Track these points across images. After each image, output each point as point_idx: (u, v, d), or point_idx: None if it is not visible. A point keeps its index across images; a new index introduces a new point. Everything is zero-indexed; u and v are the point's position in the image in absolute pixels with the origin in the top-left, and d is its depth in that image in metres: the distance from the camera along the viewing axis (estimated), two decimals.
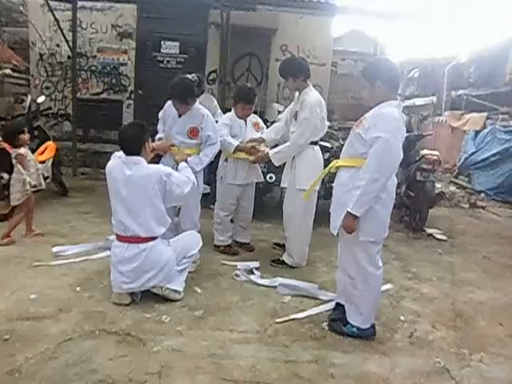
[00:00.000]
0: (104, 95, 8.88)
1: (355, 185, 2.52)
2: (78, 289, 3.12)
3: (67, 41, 7.12)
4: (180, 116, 3.59)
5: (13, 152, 3.98)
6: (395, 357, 2.55)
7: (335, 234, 2.68)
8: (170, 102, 3.64)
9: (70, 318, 2.71)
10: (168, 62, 8.62)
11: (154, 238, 2.96)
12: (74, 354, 2.34)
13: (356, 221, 2.52)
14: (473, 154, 9.13)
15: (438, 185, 8.09)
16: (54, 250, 3.75)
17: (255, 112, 4.34)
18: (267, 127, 5.27)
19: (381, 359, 2.52)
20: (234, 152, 3.86)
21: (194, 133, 3.60)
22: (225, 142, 3.83)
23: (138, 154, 2.99)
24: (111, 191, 3.06)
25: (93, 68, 8.80)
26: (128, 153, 3.00)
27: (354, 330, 2.71)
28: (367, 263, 2.65)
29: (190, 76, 3.69)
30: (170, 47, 8.56)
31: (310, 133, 3.58)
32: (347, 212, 2.51)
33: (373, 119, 2.54)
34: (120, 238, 2.97)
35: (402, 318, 3.05)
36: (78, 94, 8.16)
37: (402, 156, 2.54)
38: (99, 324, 2.65)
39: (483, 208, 7.17)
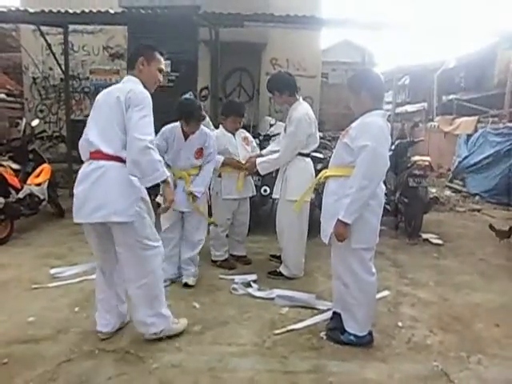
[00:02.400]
0: None
1: (344, 193, 2.57)
2: (76, 309, 3.13)
3: (59, 64, 7.22)
4: (186, 138, 3.56)
5: None
6: (393, 363, 2.57)
7: (326, 242, 2.71)
8: (170, 126, 3.59)
9: (69, 338, 2.72)
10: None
11: (117, 159, 2.46)
12: (74, 374, 2.35)
13: (347, 228, 2.55)
14: (466, 157, 9.22)
15: (432, 190, 8.18)
16: (52, 271, 3.77)
17: (247, 126, 4.41)
18: (260, 141, 5.35)
19: (379, 366, 2.53)
20: (220, 166, 3.90)
21: (200, 153, 3.59)
22: None
23: (131, 69, 2.65)
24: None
25: (86, 89, 8.91)
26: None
27: (352, 338, 2.72)
28: (361, 270, 2.67)
29: (187, 95, 3.72)
30: None
31: (294, 146, 3.64)
32: (338, 220, 2.55)
33: (359, 128, 2.60)
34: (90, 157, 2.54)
35: (399, 323, 3.06)
36: (72, 116, 8.24)
37: (388, 163, 2.60)
38: (97, 343, 2.66)
39: (478, 211, 7.21)
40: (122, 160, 2.46)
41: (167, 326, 2.71)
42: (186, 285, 3.60)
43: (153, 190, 3.32)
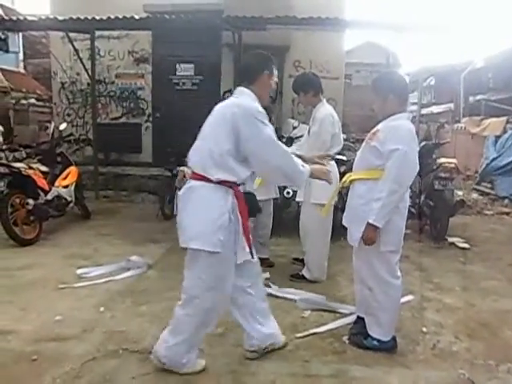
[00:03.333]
0: (123, 119, 9.13)
1: (373, 197, 2.54)
2: (102, 309, 3.19)
3: (86, 69, 7.41)
4: None
5: None
6: (418, 369, 2.52)
7: (356, 245, 2.66)
8: None
9: (94, 338, 2.78)
10: (184, 83, 8.81)
11: (206, 180, 2.27)
12: (98, 373, 2.40)
13: (377, 232, 2.53)
14: (494, 159, 8.96)
15: (459, 192, 7.98)
16: (78, 272, 3.86)
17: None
18: (283, 143, 5.34)
19: (403, 372, 2.49)
20: None
21: None
22: None
23: (248, 83, 2.42)
24: None
25: (111, 93, 9.08)
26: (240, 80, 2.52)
27: (375, 342, 2.69)
28: (387, 274, 2.64)
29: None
30: (186, 69, 8.76)
31: (319, 147, 3.61)
32: (368, 224, 2.52)
33: (388, 132, 2.57)
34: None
35: (424, 329, 3.01)
36: (98, 120, 8.43)
37: (418, 167, 2.58)
38: (122, 343, 2.71)
39: (507, 214, 7.01)
40: (210, 180, 2.25)
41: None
42: None
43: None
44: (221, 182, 2.25)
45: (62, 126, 6.07)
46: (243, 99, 2.35)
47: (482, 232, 5.83)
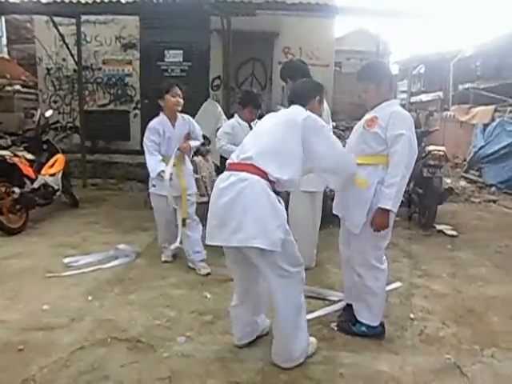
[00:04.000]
0: (111, 106, 9.01)
1: (375, 181, 2.56)
2: (90, 298, 3.17)
3: (72, 55, 7.26)
4: (173, 126, 3.72)
5: None
6: (405, 355, 2.55)
7: (358, 232, 2.62)
8: (156, 120, 3.70)
9: (82, 326, 2.76)
10: (172, 70, 8.66)
11: (263, 176, 2.22)
12: (87, 362, 2.38)
13: (389, 217, 2.55)
14: (482, 147, 9.03)
15: (447, 180, 8.04)
16: (66, 260, 3.82)
17: (260, 116, 4.40)
18: None
19: (390, 358, 2.51)
20: None
21: (188, 138, 3.77)
22: (226, 151, 3.88)
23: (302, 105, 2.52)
24: None
25: (99, 80, 8.94)
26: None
27: (364, 329, 2.71)
28: (375, 260, 2.66)
29: None
30: (174, 56, 8.61)
31: None
32: (381, 210, 2.51)
33: (389, 118, 2.56)
34: (228, 167, 2.36)
35: (411, 315, 3.04)
36: (86, 107, 8.30)
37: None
38: (110, 332, 2.70)
39: (494, 202, 7.09)
40: (267, 177, 2.22)
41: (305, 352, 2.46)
42: (208, 274, 3.67)
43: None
44: (274, 182, 2.26)
45: (48, 113, 5.96)
46: (299, 110, 2.44)
47: (470, 219, 5.89)
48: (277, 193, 2.30)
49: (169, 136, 3.68)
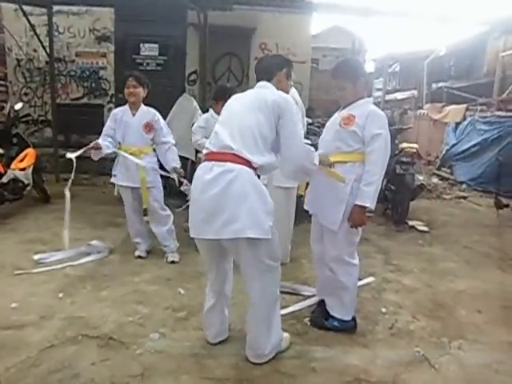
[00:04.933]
0: (84, 100, 8.82)
1: (352, 178, 2.59)
2: (61, 295, 3.11)
3: (44, 46, 7.04)
4: (134, 115, 3.78)
5: None
6: (376, 348, 2.60)
7: (336, 228, 2.62)
8: (120, 108, 3.88)
9: (52, 324, 2.70)
10: (148, 64, 8.53)
11: (248, 165, 2.20)
12: (57, 360, 2.33)
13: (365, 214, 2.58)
14: (454, 145, 9.27)
15: (420, 177, 8.19)
16: (36, 257, 3.73)
17: None
18: None
19: (362, 351, 2.56)
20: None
21: (149, 127, 3.77)
22: (201, 145, 3.87)
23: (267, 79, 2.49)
24: None
25: (72, 73, 8.72)
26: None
27: (336, 323, 2.75)
28: (349, 255, 2.70)
29: None
30: (150, 49, 8.49)
31: None
32: (358, 207, 2.54)
33: (366, 117, 2.58)
34: (207, 157, 2.30)
35: (383, 310, 3.10)
36: (58, 100, 8.09)
37: None
38: (81, 329, 2.65)
39: (465, 198, 7.29)
40: (251, 165, 2.20)
41: (277, 349, 2.46)
42: (172, 262, 3.79)
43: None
44: (257, 169, 2.23)
45: (18, 106, 5.78)
46: (275, 91, 2.39)
47: (441, 215, 6.03)
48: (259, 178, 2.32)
49: (126, 121, 3.74)
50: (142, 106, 3.83)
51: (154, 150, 3.94)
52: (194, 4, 6.36)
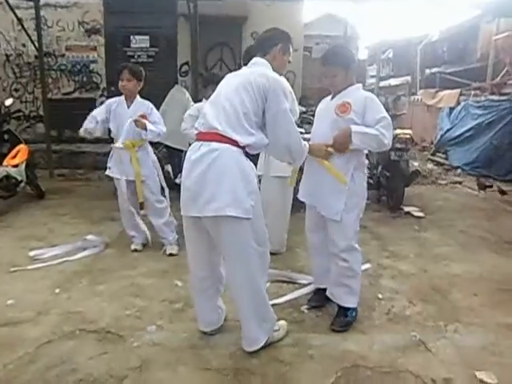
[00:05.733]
0: (76, 94, 8.76)
1: (352, 167, 2.58)
2: (57, 290, 3.10)
3: (32, 41, 6.95)
4: (129, 107, 3.75)
5: None
6: (373, 334, 2.61)
7: (338, 218, 2.59)
8: (115, 98, 3.83)
9: (49, 320, 2.70)
10: (139, 56, 8.50)
11: (233, 144, 2.20)
12: (54, 356, 2.34)
13: (348, 141, 2.52)
14: (448, 130, 9.26)
15: (415, 163, 8.20)
16: (32, 253, 3.72)
17: None
18: None
19: (359, 338, 2.57)
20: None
21: (143, 117, 3.70)
22: (188, 135, 3.91)
23: (262, 54, 2.44)
24: None
25: (62, 67, 8.64)
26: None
27: (354, 313, 2.72)
28: (354, 241, 2.69)
29: None
30: (140, 41, 8.45)
31: None
32: (349, 130, 2.50)
33: (364, 103, 2.56)
34: (196, 137, 2.33)
35: (379, 296, 3.11)
36: (50, 95, 8.03)
37: None
38: (79, 324, 2.65)
39: (460, 183, 7.30)
40: (238, 144, 2.20)
41: (269, 335, 2.43)
42: (171, 255, 3.79)
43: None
44: (243, 148, 2.22)
45: (8, 102, 5.73)
46: (265, 70, 2.33)
47: (436, 201, 6.05)
48: (249, 157, 2.31)
49: (120, 113, 3.71)
50: (138, 98, 3.79)
51: (151, 142, 3.94)
52: None
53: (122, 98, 3.77)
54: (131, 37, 8.45)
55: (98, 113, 3.77)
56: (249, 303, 2.31)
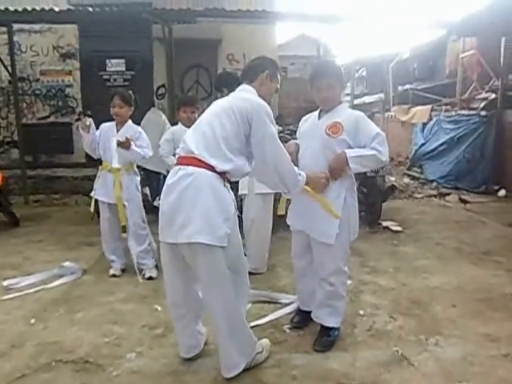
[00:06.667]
0: (51, 119, 8.68)
1: (344, 188, 2.57)
2: (33, 321, 3.01)
3: (5, 66, 6.89)
4: (118, 131, 3.75)
5: None
6: (356, 351, 2.61)
7: (332, 242, 2.54)
8: (107, 123, 3.82)
9: (24, 352, 2.61)
10: (115, 80, 8.45)
11: (210, 169, 2.18)
12: None
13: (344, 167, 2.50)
14: (422, 145, 9.48)
15: (391, 178, 8.36)
16: (5, 283, 3.60)
17: None
18: None
19: (341, 355, 2.56)
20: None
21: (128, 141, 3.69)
22: (165, 162, 3.97)
23: (249, 81, 2.47)
24: None
25: (37, 92, 8.58)
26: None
27: (336, 333, 2.71)
28: (345, 264, 2.68)
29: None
30: (116, 65, 8.41)
31: None
32: (345, 156, 2.47)
33: (355, 123, 2.54)
34: (177, 162, 2.32)
35: (361, 312, 3.12)
36: (24, 120, 7.95)
37: None
38: (55, 355, 2.57)
39: (435, 196, 7.45)
40: (215, 170, 2.17)
41: (250, 359, 2.39)
42: (150, 278, 3.73)
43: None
44: (222, 174, 2.19)
45: None
46: (249, 95, 2.34)
47: (413, 214, 6.15)
48: (230, 183, 2.31)
49: (109, 136, 3.71)
50: (129, 122, 3.81)
51: (139, 166, 3.98)
52: (158, 18, 6.35)
53: (114, 123, 3.79)
54: (107, 60, 8.41)
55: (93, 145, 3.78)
56: (226, 329, 2.26)
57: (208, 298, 2.28)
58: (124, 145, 3.57)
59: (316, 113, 2.74)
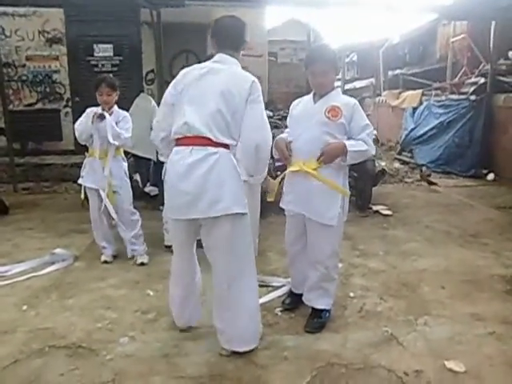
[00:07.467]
0: (39, 105, 8.53)
1: (342, 172, 2.64)
2: (24, 307, 3.00)
3: None
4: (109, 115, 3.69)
5: None
6: (346, 332, 2.65)
7: (335, 223, 2.58)
8: (94, 108, 3.71)
9: (16, 339, 2.61)
10: (103, 65, 8.37)
11: (226, 147, 2.27)
12: (22, 376, 2.26)
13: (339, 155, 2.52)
14: (412, 129, 9.52)
15: (382, 162, 8.41)
16: None
17: None
18: None
19: (332, 336, 2.60)
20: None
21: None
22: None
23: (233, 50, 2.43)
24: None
25: (23, 78, 8.40)
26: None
27: (328, 315, 2.75)
28: (339, 247, 2.74)
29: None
30: (104, 50, 8.32)
31: None
32: (345, 148, 2.48)
33: (352, 108, 2.57)
34: (181, 142, 2.31)
35: (351, 294, 3.16)
36: (11, 106, 7.81)
37: None
38: (48, 340, 2.57)
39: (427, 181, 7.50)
40: (229, 148, 2.29)
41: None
42: (142, 264, 3.75)
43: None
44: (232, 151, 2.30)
45: None
46: (240, 70, 2.36)
47: (403, 198, 6.20)
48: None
49: (96, 124, 3.62)
50: (115, 107, 3.75)
51: (126, 152, 3.94)
52: (146, 1, 6.23)
53: (99, 108, 3.70)
54: (94, 45, 8.31)
55: (79, 123, 3.70)
56: (250, 298, 2.42)
57: (226, 270, 2.35)
58: (97, 117, 3.55)
59: (308, 97, 2.72)
